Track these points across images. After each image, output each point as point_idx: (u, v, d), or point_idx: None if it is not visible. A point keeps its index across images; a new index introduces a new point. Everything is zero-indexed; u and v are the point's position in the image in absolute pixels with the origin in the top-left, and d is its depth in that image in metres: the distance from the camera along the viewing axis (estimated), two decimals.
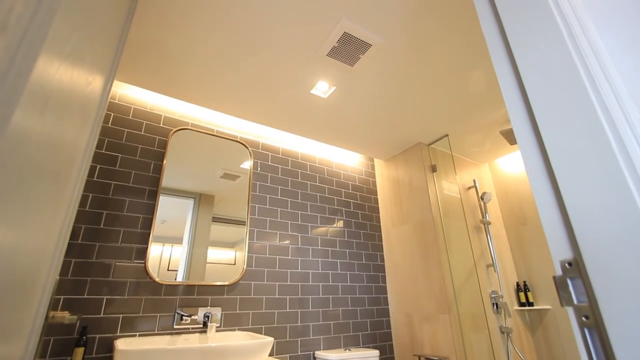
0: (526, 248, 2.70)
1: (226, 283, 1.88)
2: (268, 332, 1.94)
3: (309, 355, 2.04)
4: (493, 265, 2.50)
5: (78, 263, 1.55)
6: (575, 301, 0.48)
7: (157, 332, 1.64)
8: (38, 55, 0.38)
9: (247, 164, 2.22)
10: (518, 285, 2.66)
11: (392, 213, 2.71)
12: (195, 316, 1.72)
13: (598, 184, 0.47)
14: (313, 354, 2.05)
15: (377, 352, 2.07)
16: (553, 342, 2.42)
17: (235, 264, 1.96)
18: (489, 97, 2.08)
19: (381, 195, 2.86)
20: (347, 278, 2.39)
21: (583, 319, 0.47)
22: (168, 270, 1.75)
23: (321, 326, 2.14)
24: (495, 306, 2.41)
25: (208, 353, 1.29)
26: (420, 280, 2.35)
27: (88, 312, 1.51)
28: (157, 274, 1.71)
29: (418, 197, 2.50)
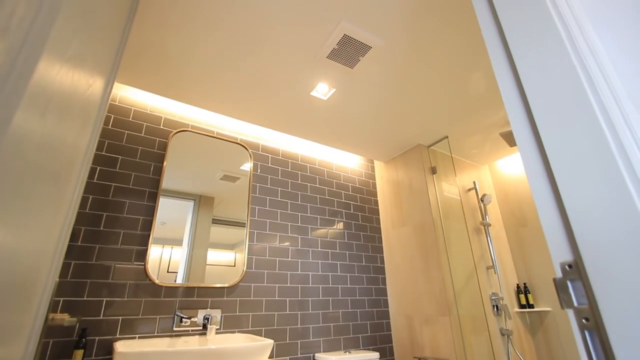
0: (526, 250, 2.70)
1: (226, 285, 1.88)
2: (268, 334, 1.94)
3: (309, 357, 2.03)
4: (493, 267, 2.49)
5: (78, 265, 1.55)
6: (575, 303, 0.48)
7: (157, 335, 1.63)
8: (39, 58, 0.38)
9: (247, 166, 2.22)
10: (518, 287, 2.66)
11: (392, 215, 2.70)
12: (195, 318, 1.71)
13: (597, 186, 0.47)
14: (313, 356, 2.04)
15: (377, 355, 2.07)
16: (553, 344, 2.42)
17: (235, 266, 1.96)
18: (489, 99, 2.08)
19: (381, 197, 2.86)
20: (347, 280, 2.38)
21: (583, 321, 0.47)
22: (168, 272, 1.75)
23: (321, 328, 2.14)
24: (495, 308, 2.40)
25: (208, 355, 1.29)
26: (420, 282, 2.34)
27: (88, 314, 1.51)
28: (157, 276, 1.71)
29: (418, 199, 2.50)
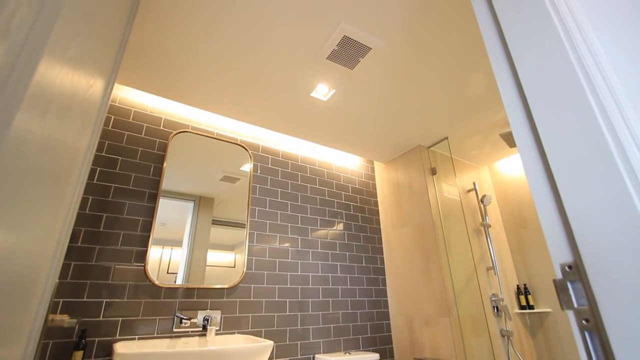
0: (526, 251, 2.70)
1: (226, 286, 1.88)
2: (268, 336, 1.93)
3: (309, 358, 2.03)
4: (493, 268, 2.49)
5: (77, 266, 1.55)
6: (575, 304, 0.48)
7: (157, 336, 1.63)
8: (40, 59, 0.38)
9: (247, 167, 2.22)
10: (518, 288, 2.66)
11: (392, 216, 2.70)
12: (194, 319, 1.71)
13: (597, 187, 0.47)
14: (313, 358, 2.04)
15: (377, 356, 2.06)
16: (554, 345, 2.41)
17: (235, 267, 1.96)
18: (489, 100, 2.09)
19: (381, 198, 2.86)
20: (347, 281, 2.38)
21: (583, 322, 0.47)
22: (168, 273, 1.75)
23: (321, 329, 2.14)
24: (495, 309, 2.40)
25: (208, 356, 1.28)
26: (420, 283, 2.34)
27: (87, 315, 1.51)
28: (157, 277, 1.71)
29: (418, 200, 2.50)
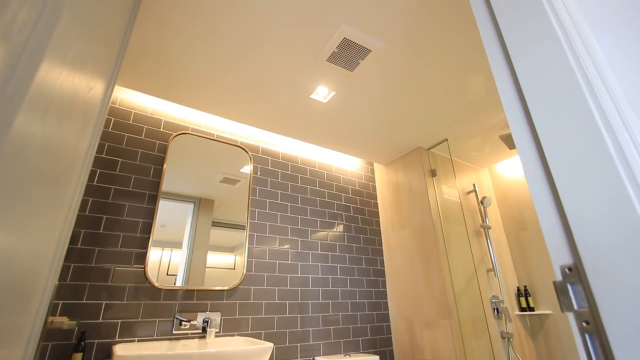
0: (526, 253, 2.70)
1: (225, 288, 1.87)
2: (268, 338, 1.93)
3: None
4: (493, 269, 2.49)
5: (77, 268, 1.54)
6: (575, 306, 0.48)
7: (156, 338, 1.63)
8: (40, 62, 0.38)
9: (247, 169, 2.22)
10: (519, 290, 2.65)
11: (392, 217, 2.70)
12: (194, 321, 1.71)
13: (597, 189, 0.47)
14: None
15: (377, 358, 2.06)
16: (554, 348, 2.41)
17: (234, 269, 1.96)
18: (488, 101, 2.09)
19: (381, 199, 2.86)
20: (347, 283, 2.38)
21: (583, 325, 0.47)
22: (167, 274, 1.75)
23: (321, 331, 2.13)
24: (496, 311, 2.40)
25: (207, 359, 1.28)
26: (420, 285, 2.34)
27: (87, 317, 1.51)
28: (157, 279, 1.71)
29: (418, 202, 2.50)
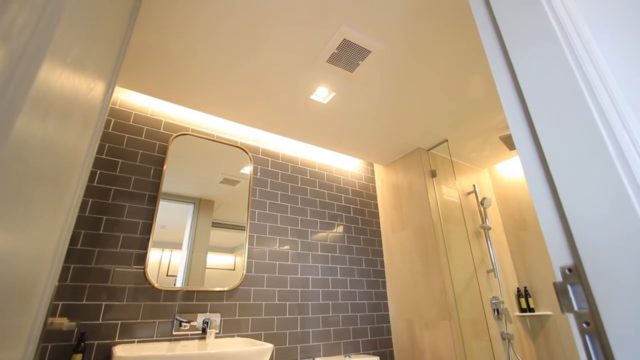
0: (526, 253, 2.69)
1: (225, 289, 1.87)
2: (268, 339, 1.93)
3: None
4: (493, 270, 2.49)
5: (77, 269, 1.54)
6: (575, 307, 0.48)
7: (156, 339, 1.63)
8: (41, 63, 0.38)
9: (247, 169, 2.22)
10: (519, 290, 2.65)
11: (392, 218, 2.70)
12: (194, 322, 1.71)
13: (597, 191, 0.47)
14: None
15: (378, 359, 2.06)
16: (554, 349, 2.40)
17: (234, 270, 1.95)
18: (488, 102, 2.09)
19: (381, 200, 2.86)
20: (347, 284, 2.38)
21: (584, 326, 0.47)
22: (167, 275, 1.74)
23: (321, 332, 2.13)
24: (496, 312, 2.39)
25: None
26: (420, 285, 2.34)
27: (86, 318, 1.51)
28: (156, 280, 1.70)
29: (418, 203, 2.50)
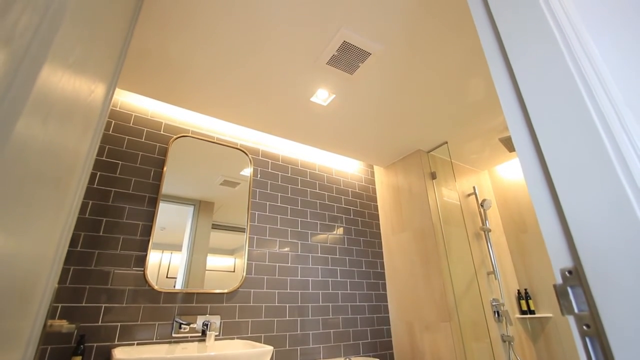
0: (527, 255, 2.69)
1: (225, 291, 1.87)
2: (267, 341, 1.92)
3: None
4: (494, 272, 2.48)
5: (77, 270, 1.54)
6: (576, 310, 0.48)
7: (156, 341, 1.62)
8: (42, 66, 0.39)
9: (247, 171, 2.23)
10: (519, 292, 2.65)
11: (392, 220, 2.70)
12: (194, 324, 1.70)
13: (597, 193, 0.47)
14: None
15: None
16: (555, 351, 2.40)
17: (234, 272, 1.95)
18: (488, 104, 2.09)
19: (381, 202, 2.86)
20: (347, 286, 2.37)
21: (584, 328, 0.46)
22: (167, 277, 1.74)
23: (321, 335, 2.12)
24: (496, 314, 2.39)
25: None
26: (420, 287, 2.33)
27: (86, 321, 1.50)
28: (156, 282, 1.70)
29: (418, 204, 2.50)
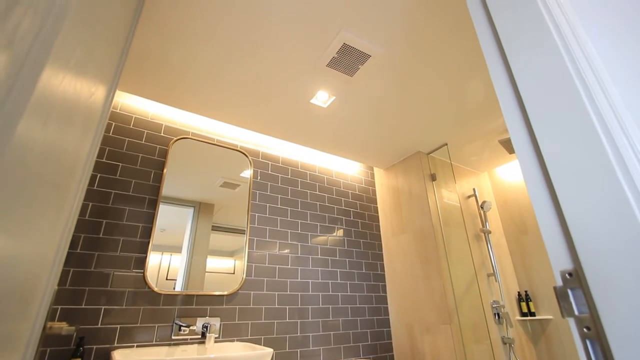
0: (527, 257, 2.69)
1: (225, 293, 1.86)
2: (267, 343, 1.92)
3: None
4: (494, 274, 2.48)
5: (76, 272, 1.54)
6: (576, 312, 0.48)
7: (155, 343, 1.62)
8: (43, 68, 0.39)
9: (247, 173, 2.23)
10: (519, 294, 2.64)
11: (392, 222, 2.70)
12: (193, 326, 1.70)
13: (597, 195, 0.47)
14: None
15: None
16: (556, 353, 2.39)
17: (234, 273, 1.95)
18: (488, 106, 2.10)
19: (381, 204, 2.86)
20: (347, 288, 2.37)
21: (584, 330, 0.46)
22: (167, 279, 1.74)
23: (321, 337, 2.12)
24: (496, 316, 2.38)
25: None
26: (420, 289, 2.33)
27: (85, 323, 1.50)
28: (156, 284, 1.70)
29: (418, 206, 2.50)
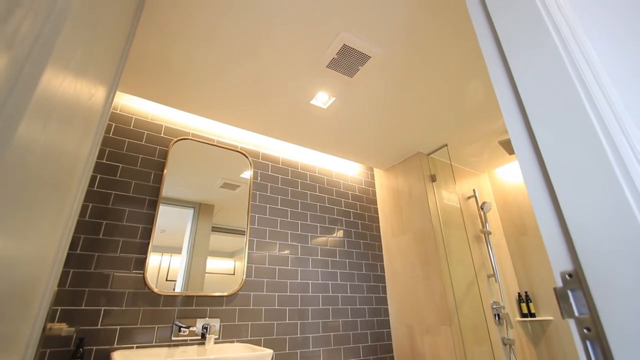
0: (527, 258, 2.69)
1: (225, 294, 1.86)
2: (267, 344, 1.91)
3: None
4: (494, 275, 2.48)
5: (76, 273, 1.54)
6: (576, 313, 0.48)
7: (155, 344, 1.61)
8: (43, 70, 0.39)
9: (247, 174, 2.23)
10: (520, 295, 2.64)
11: (392, 223, 2.70)
12: (193, 327, 1.70)
13: (596, 197, 0.47)
14: None
15: None
16: (556, 354, 2.39)
17: (234, 274, 1.95)
18: (488, 107, 2.10)
19: (381, 205, 2.86)
20: (347, 288, 2.37)
21: (584, 331, 0.46)
22: (167, 280, 1.74)
23: (321, 338, 2.11)
24: (497, 317, 2.38)
25: None
26: (420, 290, 2.33)
27: (85, 324, 1.50)
28: (156, 285, 1.70)
29: (418, 207, 2.50)
